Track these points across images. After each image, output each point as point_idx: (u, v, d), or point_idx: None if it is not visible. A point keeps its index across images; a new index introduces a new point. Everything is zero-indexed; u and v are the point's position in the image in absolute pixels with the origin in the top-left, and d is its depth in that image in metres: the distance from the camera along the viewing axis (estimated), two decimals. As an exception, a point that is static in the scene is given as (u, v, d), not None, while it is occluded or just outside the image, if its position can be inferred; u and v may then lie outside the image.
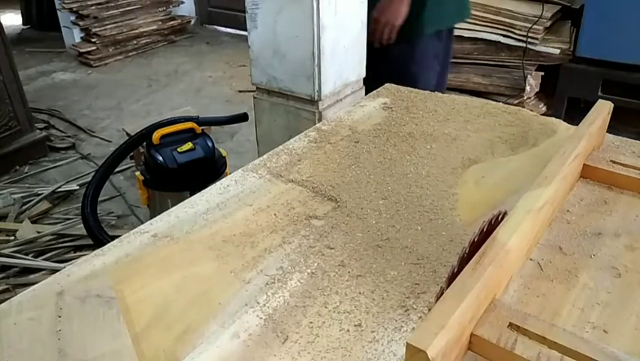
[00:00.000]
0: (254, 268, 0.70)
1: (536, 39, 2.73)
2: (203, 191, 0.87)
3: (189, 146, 1.68)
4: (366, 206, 0.83)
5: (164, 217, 0.80)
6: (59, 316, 0.62)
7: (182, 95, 3.73)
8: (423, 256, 0.71)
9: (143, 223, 0.80)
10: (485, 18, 2.86)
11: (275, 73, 1.33)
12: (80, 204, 1.65)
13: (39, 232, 2.14)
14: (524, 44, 2.75)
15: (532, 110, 1.22)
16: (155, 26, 4.64)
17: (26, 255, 2.02)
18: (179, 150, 1.67)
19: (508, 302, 0.60)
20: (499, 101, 1.39)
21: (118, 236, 0.77)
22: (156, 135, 1.70)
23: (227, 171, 1.78)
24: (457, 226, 0.78)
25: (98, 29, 4.22)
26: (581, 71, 2.70)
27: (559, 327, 0.53)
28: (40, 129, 2.97)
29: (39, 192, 2.45)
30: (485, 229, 0.62)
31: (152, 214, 1.74)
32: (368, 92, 1.33)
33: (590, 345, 0.50)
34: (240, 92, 3.74)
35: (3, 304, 0.64)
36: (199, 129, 1.77)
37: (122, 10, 4.36)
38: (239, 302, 0.64)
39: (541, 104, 2.95)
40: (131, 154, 2.54)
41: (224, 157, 1.80)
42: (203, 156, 1.69)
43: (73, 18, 4.26)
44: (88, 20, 4.20)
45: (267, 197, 0.85)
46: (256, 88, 1.41)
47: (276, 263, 0.70)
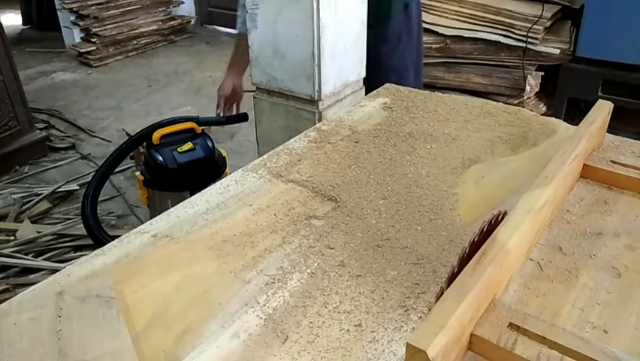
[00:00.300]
0: (254, 268, 0.70)
1: (536, 39, 2.73)
2: (203, 191, 0.87)
3: (189, 146, 1.68)
4: (366, 206, 0.83)
5: (164, 217, 0.80)
6: (59, 316, 0.62)
7: (182, 95, 3.73)
8: (423, 256, 0.71)
9: (143, 223, 0.80)
10: (485, 18, 2.86)
11: (275, 73, 1.33)
12: (80, 204, 1.66)
13: (39, 232, 2.14)
14: (524, 44, 2.75)
15: (532, 110, 1.22)
16: (155, 26, 4.65)
17: (26, 255, 2.03)
18: (179, 150, 1.67)
19: (508, 302, 0.60)
20: (499, 101, 1.39)
21: (118, 236, 0.77)
22: (156, 135, 1.70)
23: (227, 171, 1.78)
24: (457, 225, 0.78)
25: (98, 29, 4.22)
26: (581, 71, 2.70)
27: (559, 327, 0.53)
28: (40, 129, 2.97)
29: (39, 192, 2.45)
30: (485, 229, 0.62)
31: (152, 214, 1.74)
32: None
33: (590, 345, 0.50)
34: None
35: (3, 304, 0.64)
36: (199, 129, 1.77)
37: (122, 10, 4.37)
38: (239, 302, 0.64)
39: (541, 104, 2.95)
40: (131, 154, 2.55)
41: (224, 157, 1.80)
42: (203, 156, 1.69)
43: (73, 18, 4.26)
44: (88, 20, 4.20)
45: (267, 197, 0.85)
46: (256, 88, 1.41)
47: (276, 263, 0.70)
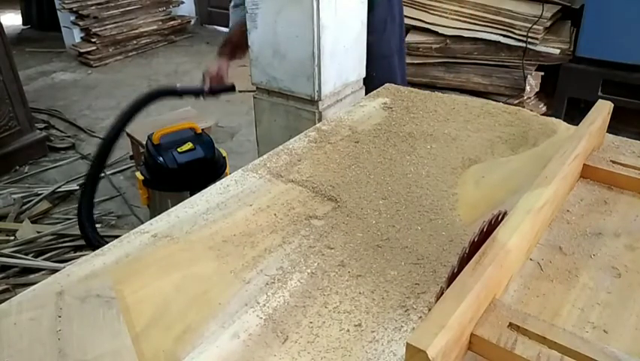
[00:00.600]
0: (254, 268, 0.70)
1: (536, 39, 2.73)
2: (203, 191, 0.87)
3: (189, 146, 1.69)
4: (366, 206, 0.83)
5: (164, 217, 0.80)
6: (59, 316, 0.62)
7: (182, 95, 3.72)
8: (423, 256, 0.71)
9: (143, 223, 0.80)
10: (485, 18, 2.86)
11: (275, 73, 1.33)
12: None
13: (39, 232, 2.14)
14: (524, 44, 2.75)
15: (532, 110, 1.22)
16: (155, 26, 4.64)
17: (26, 255, 2.02)
18: (179, 150, 1.67)
19: (508, 302, 0.60)
20: (499, 101, 1.39)
21: (117, 236, 0.77)
22: (156, 135, 1.70)
23: (227, 171, 1.78)
24: (457, 226, 0.78)
25: (98, 29, 4.22)
26: (581, 71, 2.70)
27: (559, 327, 0.53)
28: (40, 129, 2.97)
29: (39, 192, 2.45)
30: (485, 229, 0.62)
31: (152, 214, 1.74)
32: None
33: (590, 345, 0.50)
34: (240, 92, 3.74)
35: (3, 304, 0.64)
36: (199, 129, 1.77)
37: (122, 10, 4.36)
38: (239, 302, 0.64)
39: (541, 104, 2.95)
40: (131, 154, 2.55)
41: (224, 157, 1.80)
42: (203, 156, 1.69)
43: (73, 18, 4.26)
44: (88, 20, 4.20)
45: (267, 197, 0.85)
46: (256, 88, 1.41)
47: (276, 263, 0.70)
